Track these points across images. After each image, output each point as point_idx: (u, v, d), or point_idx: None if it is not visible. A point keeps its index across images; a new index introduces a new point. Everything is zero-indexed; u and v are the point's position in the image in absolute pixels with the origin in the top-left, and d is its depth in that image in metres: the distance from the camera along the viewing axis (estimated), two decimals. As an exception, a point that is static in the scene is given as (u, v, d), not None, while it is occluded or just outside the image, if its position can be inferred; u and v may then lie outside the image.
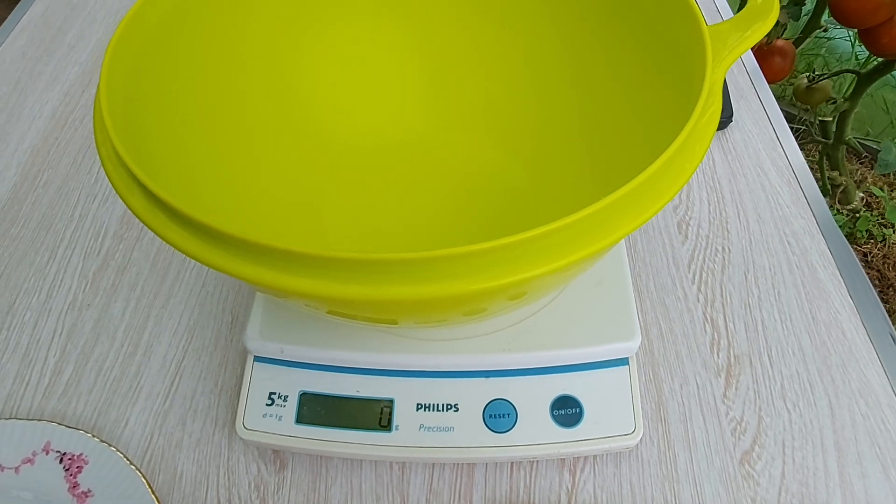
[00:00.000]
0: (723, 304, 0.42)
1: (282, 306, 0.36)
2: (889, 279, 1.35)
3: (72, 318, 0.42)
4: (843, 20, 0.69)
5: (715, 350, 0.40)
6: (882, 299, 1.34)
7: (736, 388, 0.38)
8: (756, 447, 0.36)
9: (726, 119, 0.53)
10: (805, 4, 0.80)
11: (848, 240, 1.49)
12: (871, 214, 1.39)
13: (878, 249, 1.39)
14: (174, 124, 0.31)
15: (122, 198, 0.24)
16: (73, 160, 0.51)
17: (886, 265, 1.37)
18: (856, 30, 0.72)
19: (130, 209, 0.24)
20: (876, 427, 0.36)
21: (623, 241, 0.38)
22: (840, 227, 1.47)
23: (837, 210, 1.38)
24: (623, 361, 0.35)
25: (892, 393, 0.38)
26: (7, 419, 0.36)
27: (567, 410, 0.34)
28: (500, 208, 0.38)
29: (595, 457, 0.36)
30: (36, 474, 0.35)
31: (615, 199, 0.21)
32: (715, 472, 0.35)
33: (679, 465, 0.35)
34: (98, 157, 0.51)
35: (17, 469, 0.35)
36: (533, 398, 0.34)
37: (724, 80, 0.55)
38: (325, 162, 0.40)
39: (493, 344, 0.34)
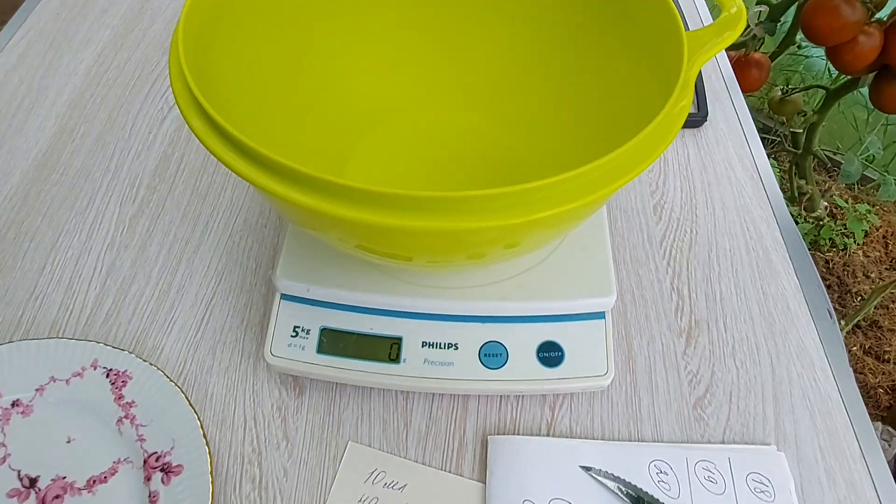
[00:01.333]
0: (688, 276, 0.48)
1: (307, 252, 0.41)
2: (848, 285, 1.44)
3: (111, 257, 0.47)
4: (812, 38, 0.76)
5: (679, 315, 0.46)
6: (840, 304, 1.43)
7: (694, 347, 0.44)
8: (708, 395, 0.42)
9: (701, 118, 0.59)
10: (780, 21, 0.87)
11: (811, 248, 1.57)
12: (835, 224, 1.47)
13: (840, 258, 1.47)
14: (237, 68, 0.36)
15: (187, 122, 0.29)
16: (108, 115, 0.56)
17: (846, 273, 1.46)
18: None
19: (197, 135, 0.29)
20: (808, 384, 0.43)
21: (605, 212, 0.44)
22: (805, 235, 1.55)
23: (804, 218, 1.46)
24: (600, 315, 0.41)
25: (825, 357, 0.44)
26: (58, 338, 0.41)
27: (551, 353, 0.40)
28: (494, 170, 0.44)
29: (572, 395, 0.41)
30: (85, 386, 0.39)
31: (602, 163, 0.27)
32: (672, 414, 0.41)
33: (642, 407, 0.41)
34: (134, 114, 0.56)
35: (67, 381, 0.40)
36: (522, 341, 0.40)
37: (702, 84, 0.61)
38: (344, 124, 0.45)
39: (491, 294, 0.40)
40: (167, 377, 0.40)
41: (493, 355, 0.40)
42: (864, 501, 0.38)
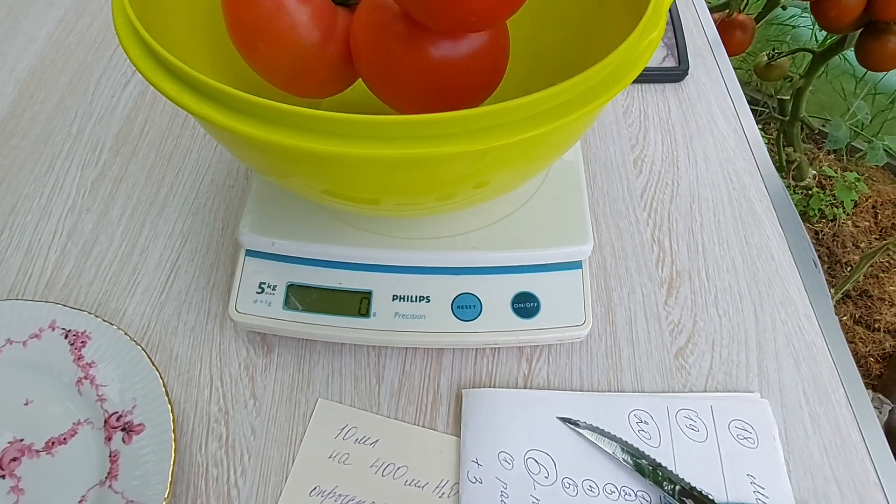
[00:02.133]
0: (669, 228, 0.47)
1: (272, 205, 0.40)
2: (837, 256, 1.44)
3: (71, 220, 0.45)
4: (797, -7, 0.74)
5: (660, 266, 0.45)
6: (830, 275, 1.43)
7: (676, 298, 0.43)
8: (689, 344, 0.41)
9: (682, 72, 0.57)
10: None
11: (801, 218, 1.57)
12: (824, 194, 1.47)
13: (829, 228, 1.47)
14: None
15: (142, 73, 0.27)
16: (69, 81, 0.54)
17: (836, 243, 1.46)
18: (808, 3, 0.77)
19: (148, 80, 0.27)
20: (792, 330, 0.42)
21: (581, 162, 0.43)
22: (794, 205, 1.54)
23: (793, 189, 1.46)
24: (577, 264, 0.40)
25: (809, 304, 0.43)
26: (14, 299, 0.39)
27: (526, 304, 0.39)
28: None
29: (549, 348, 0.40)
30: (43, 348, 0.38)
31: (565, 87, 0.26)
32: (653, 363, 0.40)
33: (623, 358, 0.40)
34: (96, 79, 0.54)
35: (24, 343, 0.38)
36: (496, 293, 0.39)
37: (683, 39, 0.60)
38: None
39: (463, 243, 0.39)
40: (129, 336, 0.38)
41: (466, 307, 0.38)
42: (850, 445, 0.37)
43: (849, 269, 1.41)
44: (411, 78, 0.33)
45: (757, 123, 0.56)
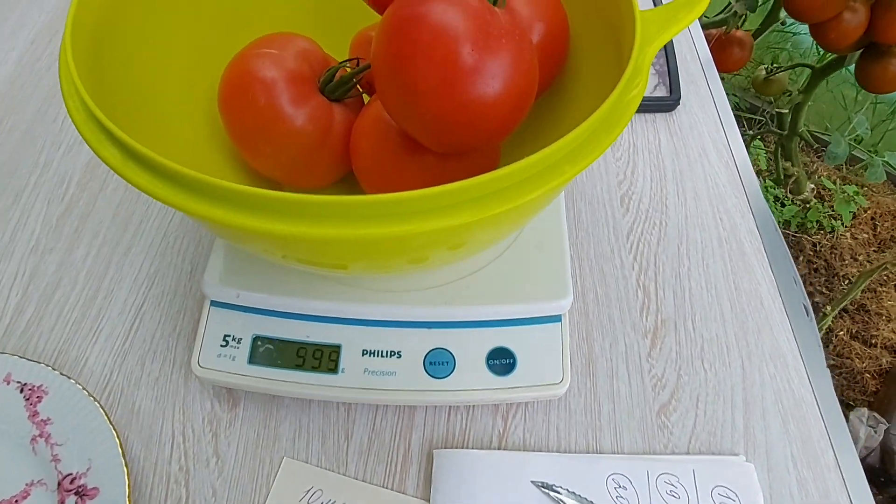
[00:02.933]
0: (655, 272, 0.45)
1: (238, 255, 0.38)
2: (835, 269, 1.42)
3: (34, 260, 0.44)
4: (795, 14, 0.72)
5: (644, 314, 0.43)
6: (827, 288, 1.41)
7: (660, 349, 0.41)
8: (673, 401, 0.39)
9: (674, 102, 0.56)
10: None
11: (798, 230, 1.54)
12: (822, 206, 1.45)
13: (827, 240, 1.45)
14: (135, 71, 0.33)
15: (88, 143, 0.26)
16: (38, 107, 0.52)
17: (833, 255, 1.44)
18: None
19: (99, 156, 0.25)
20: (781, 387, 0.40)
21: (562, 208, 0.41)
22: (792, 217, 1.52)
23: (791, 201, 1.44)
24: (556, 318, 0.38)
25: (800, 357, 0.41)
26: (-31, 352, 0.38)
27: (502, 360, 0.37)
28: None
29: (526, 404, 0.39)
30: (-4, 403, 0.36)
31: (530, 162, 0.24)
32: (634, 421, 0.38)
33: (603, 415, 0.39)
34: (66, 107, 0.52)
35: (-23, 398, 0.37)
36: (471, 348, 0.37)
37: (676, 66, 0.58)
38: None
39: (437, 297, 0.37)
40: (86, 392, 0.36)
41: (439, 363, 0.37)
42: (837, 515, 0.35)
43: (846, 281, 1.40)
44: (407, 183, 0.33)
45: (755, 135, 0.54)
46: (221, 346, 0.37)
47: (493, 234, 0.31)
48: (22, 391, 0.37)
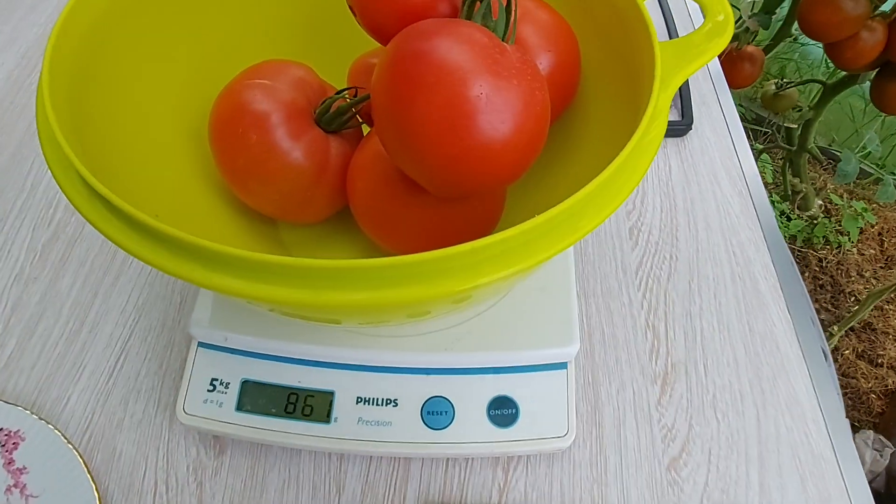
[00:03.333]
0: (665, 311, 0.43)
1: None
2: (841, 285, 1.40)
3: (17, 290, 0.42)
4: (811, 33, 0.70)
5: (654, 357, 0.41)
6: (833, 305, 1.39)
7: (670, 396, 0.39)
8: (684, 454, 0.37)
9: (686, 126, 0.54)
10: (775, 13, 0.81)
11: (805, 246, 1.52)
12: (829, 221, 1.42)
13: (833, 256, 1.43)
14: (119, 102, 0.31)
15: (70, 199, 0.24)
16: (28, 126, 0.50)
17: (840, 272, 1.42)
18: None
19: (81, 213, 0.24)
20: (798, 440, 0.38)
21: (569, 248, 0.39)
22: (798, 232, 1.50)
23: (797, 216, 1.41)
24: (561, 366, 0.36)
25: (818, 407, 0.39)
26: (-57, 392, 0.36)
27: (503, 411, 0.35)
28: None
29: (529, 456, 0.37)
30: (-30, 449, 0.34)
31: (553, 214, 0.22)
32: (643, 476, 0.36)
33: (609, 469, 0.37)
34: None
35: (-50, 443, 0.35)
36: (471, 397, 0.35)
37: (687, 87, 0.56)
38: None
39: (435, 343, 0.35)
40: (65, 439, 0.35)
41: (437, 413, 0.35)
42: (858, 585, 0.33)
43: (852, 298, 1.38)
44: (408, 227, 0.31)
45: (762, 149, 0.52)
46: (209, 390, 0.35)
47: (501, 288, 0.29)
48: (-3, 436, 0.35)
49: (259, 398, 0.35)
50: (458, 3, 0.31)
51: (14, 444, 0.35)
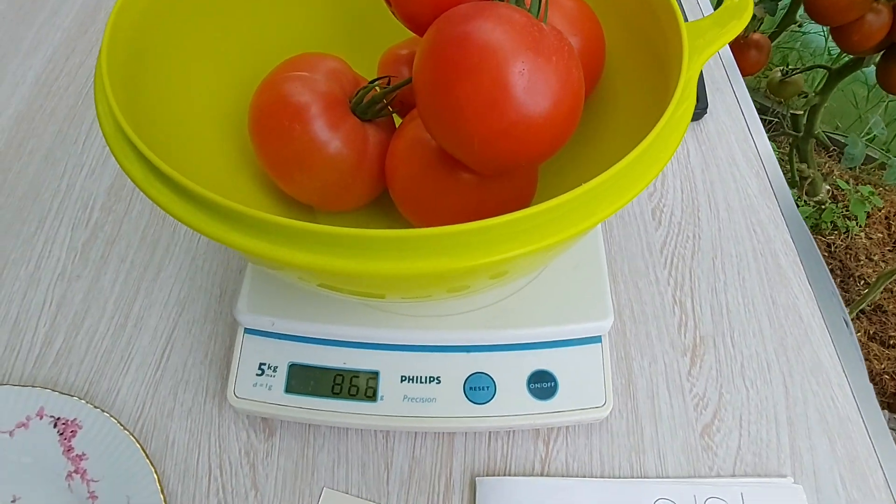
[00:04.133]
0: (691, 287, 0.44)
1: (271, 281, 0.38)
2: (850, 269, 1.41)
3: (61, 289, 0.43)
4: (817, 17, 0.71)
5: (682, 331, 0.42)
6: (843, 289, 1.40)
7: (700, 367, 0.41)
8: (716, 421, 0.38)
9: (701, 110, 0.55)
10: (781, 0, 0.82)
11: (813, 231, 1.54)
12: (837, 207, 1.43)
13: (842, 241, 1.44)
14: (164, 94, 0.32)
15: (125, 170, 0.25)
16: (59, 129, 0.52)
17: (848, 256, 1.43)
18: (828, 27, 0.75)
19: (132, 179, 0.25)
20: (825, 404, 0.39)
21: (599, 227, 0.40)
22: (806, 218, 1.51)
23: (805, 202, 1.43)
24: (596, 339, 0.37)
25: (843, 372, 0.40)
26: (0, 385, 0.37)
27: (543, 384, 0.36)
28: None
29: (568, 428, 0.38)
30: (30, 438, 0.36)
31: (591, 187, 0.23)
32: (678, 443, 0.38)
33: (645, 437, 0.38)
34: (87, 127, 0.52)
35: (11, 433, 0.36)
36: (511, 372, 0.36)
37: (701, 73, 0.57)
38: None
39: (476, 321, 0.36)
40: (121, 425, 0.36)
41: (479, 388, 0.36)
42: (893, 539, 0.34)
43: (862, 282, 1.39)
44: (448, 208, 0.32)
45: (769, 137, 0.53)
46: (257, 374, 0.36)
47: (539, 262, 0.30)
48: (55, 426, 0.36)
49: (306, 380, 0.36)
50: (489, -10, 0.32)
51: (72, 432, 0.36)
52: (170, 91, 0.32)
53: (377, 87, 0.34)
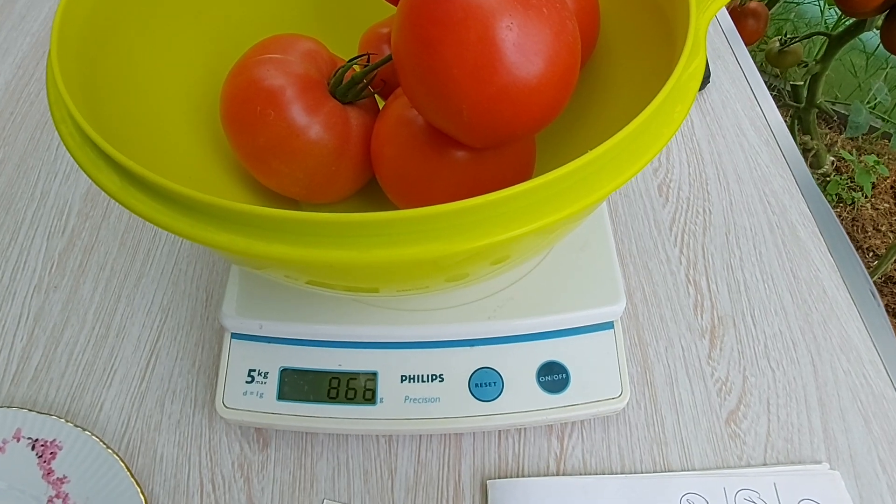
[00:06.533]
0: (705, 265, 0.42)
1: (258, 281, 0.35)
2: (858, 241, 1.38)
3: (38, 301, 0.41)
4: (817, -21, 0.68)
5: (699, 312, 0.40)
6: (852, 261, 1.37)
7: (720, 349, 0.38)
8: (742, 406, 0.36)
9: (704, 80, 0.52)
10: (779, -35, 0.79)
11: (819, 203, 1.49)
12: (841, 178, 1.41)
13: (847, 213, 1.41)
14: (126, 86, 0.29)
15: (87, 174, 0.23)
16: (30, 136, 0.49)
17: (855, 228, 1.40)
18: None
19: (96, 182, 0.22)
20: (857, 382, 0.37)
21: (605, 204, 0.38)
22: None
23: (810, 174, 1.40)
24: (608, 325, 0.35)
25: (873, 347, 0.38)
26: (-26, 407, 0.35)
27: (553, 376, 0.34)
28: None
29: (583, 422, 0.35)
30: (7, 462, 0.33)
31: (603, 150, 0.21)
32: (702, 432, 0.35)
33: (666, 427, 0.35)
34: (57, 132, 0.49)
35: (-14, 458, 0.34)
36: (519, 365, 0.34)
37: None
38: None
39: (478, 312, 0.34)
40: (104, 444, 0.33)
41: (485, 384, 0.34)
42: (941, 524, 0.32)
43: (871, 254, 1.36)
44: (440, 190, 0.29)
45: None
46: (247, 382, 0.34)
47: (544, 242, 0.28)
48: (34, 448, 0.34)
49: (300, 385, 0.34)
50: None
51: (52, 453, 0.33)
52: (132, 85, 0.29)
53: (356, 66, 0.32)
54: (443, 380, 0.34)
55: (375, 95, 0.35)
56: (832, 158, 1.32)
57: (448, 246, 0.20)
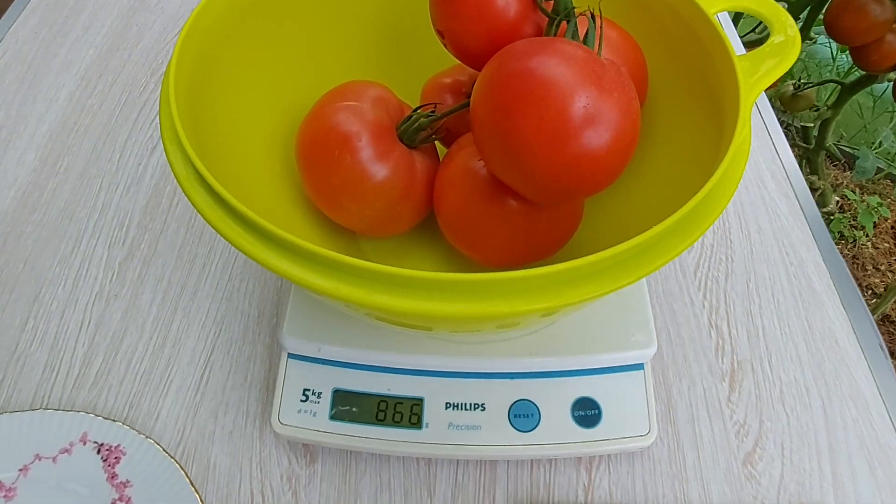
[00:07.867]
0: (727, 311, 0.44)
1: (315, 305, 0.38)
2: (858, 279, 1.41)
3: (99, 308, 0.43)
4: (837, 37, 0.72)
5: (720, 355, 0.42)
6: (850, 299, 1.40)
7: (739, 393, 0.41)
8: (758, 449, 0.39)
9: (730, 132, 0.55)
10: (798, 19, 0.82)
11: (822, 241, 1.51)
12: (844, 217, 1.44)
13: (849, 250, 1.44)
14: (219, 126, 0.32)
15: (194, 205, 0.25)
16: (93, 146, 0.52)
17: (856, 266, 1.43)
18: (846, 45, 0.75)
19: (198, 209, 0.25)
20: (864, 430, 0.39)
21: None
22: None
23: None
24: (639, 366, 0.37)
25: (879, 396, 0.41)
26: (43, 409, 0.37)
27: (587, 412, 0.36)
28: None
29: (610, 455, 0.38)
30: (74, 464, 0.36)
31: (657, 231, 0.23)
32: (720, 471, 0.38)
33: (687, 465, 0.38)
34: (121, 144, 0.51)
35: (54, 458, 0.36)
36: (555, 399, 0.36)
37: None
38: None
39: (520, 348, 0.36)
40: (164, 451, 0.36)
41: (523, 416, 0.36)
42: (938, 570, 0.34)
43: (869, 292, 1.39)
44: (496, 236, 0.32)
45: None
46: (301, 400, 0.36)
47: (592, 305, 0.31)
48: (99, 452, 0.36)
49: (351, 406, 0.36)
50: (541, 24, 0.32)
51: (116, 458, 0.36)
52: (225, 120, 0.32)
53: (422, 115, 0.34)
54: (484, 409, 0.36)
55: (435, 140, 0.37)
56: (837, 198, 1.35)
57: (512, 306, 0.23)
